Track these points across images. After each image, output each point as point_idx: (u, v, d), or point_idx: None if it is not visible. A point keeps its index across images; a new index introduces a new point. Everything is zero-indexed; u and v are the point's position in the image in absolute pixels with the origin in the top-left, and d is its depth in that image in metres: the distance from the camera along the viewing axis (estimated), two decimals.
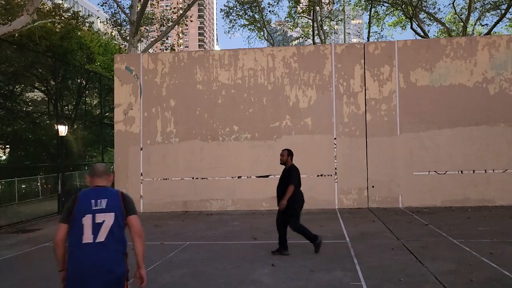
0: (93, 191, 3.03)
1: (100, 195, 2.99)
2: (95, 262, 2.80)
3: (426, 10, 25.43)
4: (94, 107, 21.40)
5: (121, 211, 2.99)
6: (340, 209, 11.49)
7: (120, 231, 2.98)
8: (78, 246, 2.82)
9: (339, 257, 6.34)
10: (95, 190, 3.04)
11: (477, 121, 11.43)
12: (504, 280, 5.00)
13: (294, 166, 6.82)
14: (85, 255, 2.80)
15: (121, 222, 2.98)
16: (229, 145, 12.21)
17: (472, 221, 9.07)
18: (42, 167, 19.83)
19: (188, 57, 12.67)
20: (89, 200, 2.94)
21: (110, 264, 2.86)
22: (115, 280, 2.88)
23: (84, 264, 2.79)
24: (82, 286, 2.77)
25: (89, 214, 2.88)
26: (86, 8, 62.66)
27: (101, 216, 2.90)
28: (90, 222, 2.87)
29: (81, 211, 2.89)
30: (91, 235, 2.85)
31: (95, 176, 3.11)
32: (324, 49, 12.30)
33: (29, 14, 11.17)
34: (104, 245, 2.86)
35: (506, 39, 11.71)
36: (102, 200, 2.95)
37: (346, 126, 11.87)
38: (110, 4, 22.53)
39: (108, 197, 2.98)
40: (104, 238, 2.87)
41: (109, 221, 2.91)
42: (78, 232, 2.85)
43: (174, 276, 5.65)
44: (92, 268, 2.78)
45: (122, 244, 2.99)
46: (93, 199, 2.94)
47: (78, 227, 2.86)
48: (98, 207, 2.92)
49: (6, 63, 16.87)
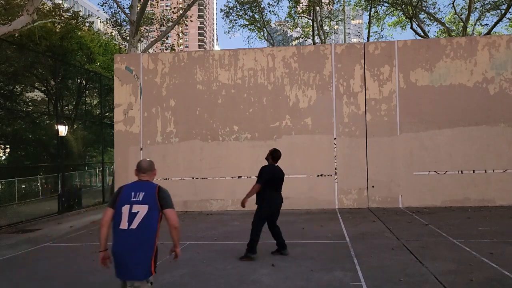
0: (135, 184, 3.54)
1: (139, 188, 3.47)
2: (127, 246, 3.26)
3: (426, 10, 25.42)
4: (94, 107, 21.39)
5: (155, 204, 3.38)
6: (340, 209, 11.49)
7: (151, 221, 3.33)
8: (117, 231, 3.35)
9: (339, 257, 6.33)
10: (137, 183, 3.55)
11: (477, 121, 11.43)
12: (504, 280, 5.00)
13: (269, 165, 6.51)
14: (121, 239, 3.31)
15: (153, 213, 3.35)
16: (229, 145, 12.21)
17: (472, 221, 9.07)
18: (42, 167, 19.83)
19: (188, 57, 12.67)
20: (130, 192, 3.43)
21: (136, 249, 3.26)
22: (143, 261, 3.27)
23: (120, 246, 3.29)
24: (120, 263, 3.28)
25: (127, 204, 3.36)
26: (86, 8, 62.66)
27: (137, 207, 3.34)
28: (127, 211, 3.34)
29: (123, 201, 3.40)
30: (127, 222, 3.31)
31: (140, 172, 3.62)
32: (324, 49, 12.31)
33: (29, 14, 11.17)
34: (135, 232, 3.28)
35: (506, 39, 11.71)
36: (140, 193, 3.41)
37: (346, 126, 11.87)
38: (110, 4, 22.52)
39: (146, 190, 3.44)
40: (135, 226, 3.29)
41: (142, 212, 3.32)
42: (118, 219, 3.36)
43: (174, 276, 5.65)
44: (125, 250, 3.26)
45: (151, 232, 3.33)
46: (133, 192, 3.43)
47: (118, 215, 3.37)
48: (136, 199, 3.38)
49: (6, 63, 16.86)
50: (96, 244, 8.22)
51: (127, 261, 3.25)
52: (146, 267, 3.28)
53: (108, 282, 5.48)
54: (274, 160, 6.59)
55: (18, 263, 6.69)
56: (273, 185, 6.37)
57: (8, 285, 5.56)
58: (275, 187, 6.41)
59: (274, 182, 6.39)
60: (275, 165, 6.56)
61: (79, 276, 5.83)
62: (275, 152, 6.61)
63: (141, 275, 3.26)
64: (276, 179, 6.42)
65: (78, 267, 6.28)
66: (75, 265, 6.44)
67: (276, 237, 6.53)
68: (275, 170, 6.45)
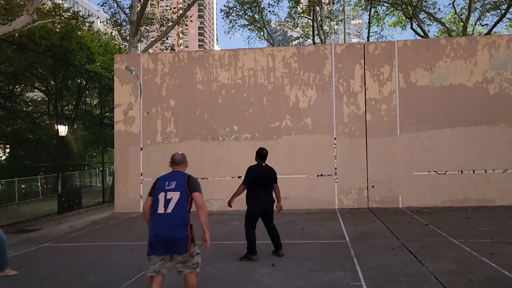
0: (169, 175, 4.13)
1: (172, 178, 4.07)
2: (165, 227, 3.86)
3: (426, 10, 25.41)
4: (94, 107, 21.37)
5: (185, 190, 3.98)
6: (340, 209, 11.49)
7: (183, 206, 3.95)
8: (155, 215, 3.93)
9: (339, 257, 6.33)
10: (171, 174, 4.14)
11: (477, 121, 11.43)
12: (504, 280, 5.00)
13: (252, 166, 6.40)
14: (159, 222, 3.90)
15: (185, 198, 3.96)
16: (229, 145, 12.21)
17: (472, 221, 9.07)
18: (42, 167, 19.82)
19: (188, 57, 12.67)
20: (164, 182, 4.04)
21: (174, 229, 3.86)
22: (179, 241, 3.86)
23: (158, 228, 3.88)
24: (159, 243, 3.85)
25: (162, 192, 3.97)
26: (86, 8, 62.65)
27: (170, 194, 3.95)
28: (163, 198, 3.94)
29: (159, 189, 4.00)
30: (163, 207, 3.91)
31: (174, 164, 4.21)
32: (324, 49, 12.31)
33: (29, 14, 11.17)
34: (171, 216, 3.88)
35: (506, 39, 11.70)
36: (173, 182, 4.01)
37: (346, 126, 11.87)
38: (110, 4, 22.50)
39: (177, 179, 4.03)
40: (171, 210, 3.89)
41: (175, 198, 3.93)
42: (155, 205, 3.96)
43: (174, 276, 5.64)
44: (163, 231, 3.85)
45: (184, 215, 3.94)
46: (167, 181, 4.03)
47: (156, 201, 3.97)
48: (169, 187, 3.98)
49: (6, 63, 16.85)
50: (96, 244, 8.23)
51: (168, 239, 3.82)
52: (186, 243, 3.88)
53: (108, 282, 5.48)
54: (260, 159, 6.46)
55: (18, 263, 6.68)
56: (257, 185, 6.24)
57: (8, 285, 5.56)
58: (260, 187, 6.26)
59: (259, 181, 6.25)
60: (262, 164, 6.42)
61: (79, 276, 5.83)
62: (260, 151, 6.50)
63: (182, 250, 3.88)
64: (262, 178, 6.28)
65: (78, 267, 6.29)
66: (75, 265, 6.44)
67: (271, 237, 6.48)
68: (259, 170, 6.33)
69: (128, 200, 12.40)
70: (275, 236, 6.46)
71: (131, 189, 12.40)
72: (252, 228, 6.29)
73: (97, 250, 7.54)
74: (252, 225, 6.30)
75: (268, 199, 6.37)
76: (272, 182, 6.45)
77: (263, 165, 6.45)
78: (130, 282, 5.45)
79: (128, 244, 7.84)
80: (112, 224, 10.42)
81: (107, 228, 9.84)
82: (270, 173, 6.43)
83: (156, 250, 3.87)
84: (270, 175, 6.42)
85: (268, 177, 6.38)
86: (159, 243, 3.84)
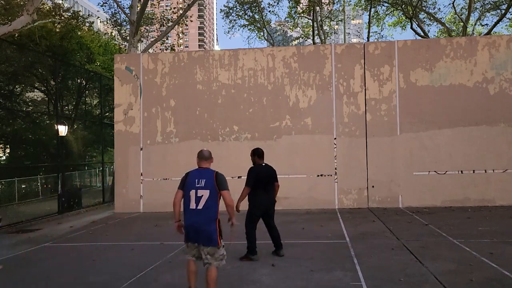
0: (197, 171, 4.50)
1: (201, 175, 4.43)
2: (196, 221, 4.33)
3: (426, 10, 25.41)
4: (94, 107, 21.38)
5: (214, 187, 4.37)
6: (340, 209, 11.49)
7: (213, 202, 4.36)
8: (188, 210, 4.40)
9: (339, 257, 6.33)
10: (200, 171, 4.50)
11: (477, 121, 11.43)
12: (504, 280, 5.00)
13: (252, 167, 6.41)
14: (191, 216, 4.37)
15: (214, 196, 4.37)
16: (229, 145, 12.21)
17: (472, 221, 9.07)
18: (42, 167, 19.82)
19: (188, 57, 12.67)
20: (194, 179, 4.42)
21: (204, 224, 4.32)
22: (208, 233, 4.32)
23: (191, 221, 4.36)
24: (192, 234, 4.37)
25: (193, 190, 4.38)
26: (86, 8, 62.64)
27: (201, 192, 4.35)
28: (194, 195, 4.37)
29: (189, 186, 4.40)
30: (194, 203, 4.35)
31: (202, 160, 4.57)
32: (324, 49, 12.31)
33: (29, 14, 11.16)
34: (201, 211, 4.33)
35: (506, 39, 11.70)
36: (202, 180, 4.39)
37: (346, 126, 11.87)
38: (110, 4, 22.51)
39: (206, 178, 4.40)
40: (201, 207, 4.33)
41: (205, 196, 4.34)
42: (187, 201, 4.41)
43: (174, 276, 5.65)
44: (196, 224, 4.33)
45: (213, 211, 4.37)
46: (196, 179, 4.41)
47: (187, 197, 4.41)
48: (199, 185, 4.37)
49: (6, 63, 16.86)
50: (96, 244, 8.23)
51: (199, 231, 4.32)
52: (214, 236, 4.32)
53: (108, 282, 5.48)
54: (260, 159, 6.45)
55: (18, 263, 6.69)
56: (259, 185, 6.25)
57: (8, 285, 5.56)
58: (261, 187, 6.28)
59: (260, 182, 6.27)
60: (262, 165, 6.43)
61: (79, 276, 5.83)
62: (257, 151, 6.49)
63: (210, 243, 4.32)
64: (262, 178, 6.30)
65: (78, 267, 6.29)
66: (75, 265, 6.44)
67: (272, 237, 6.50)
68: (260, 170, 6.35)
69: (128, 200, 12.40)
70: (275, 236, 6.48)
71: (131, 189, 12.40)
72: (252, 228, 6.30)
73: (97, 250, 7.54)
74: (252, 225, 6.32)
75: (269, 198, 6.38)
76: (273, 181, 6.47)
77: (263, 165, 6.45)
78: (130, 282, 5.45)
79: (128, 244, 7.84)
80: (112, 224, 10.42)
81: (107, 228, 9.84)
82: (270, 173, 6.44)
83: (190, 238, 4.41)
84: (271, 174, 6.44)
85: (269, 177, 6.40)
86: (192, 233, 4.36)
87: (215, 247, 4.35)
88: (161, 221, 10.43)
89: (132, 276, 5.66)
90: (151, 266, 6.15)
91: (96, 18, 32.31)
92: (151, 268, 6.03)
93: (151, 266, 6.13)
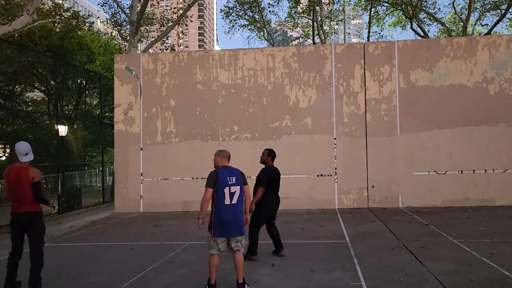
0: (226, 170, 4.98)
1: (231, 173, 4.95)
2: (232, 214, 4.85)
3: (426, 10, 25.41)
4: (94, 107, 21.36)
5: (241, 184, 4.97)
6: (340, 209, 11.49)
7: (242, 197, 4.99)
8: (223, 206, 4.83)
9: (339, 257, 6.33)
10: (227, 169, 5.00)
11: (477, 121, 11.43)
12: (504, 280, 5.00)
13: (267, 168, 6.49)
14: (227, 211, 4.84)
15: (242, 191, 4.98)
16: (229, 145, 12.20)
17: (472, 221, 9.07)
18: (42, 167, 19.78)
19: (188, 57, 12.67)
20: (225, 177, 4.88)
21: (238, 216, 4.93)
22: (241, 224, 4.95)
23: (228, 215, 4.84)
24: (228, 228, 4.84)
25: (227, 187, 4.85)
26: (86, 8, 62.65)
27: (233, 188, 4.89)
28: (228, 191, 4.85)
29: (223, 184, 4.83)
30: (229, 199, 4.85)
31: (226, 159, 5.14)
32: (324, 49, 12.31)
33: (29, 14, 11.16)
34: (236, 206, 4.90)
35: (506, 39, 11.70)
36: (233, 177, 4.93)
37: (346, 126, 11.87)
38: (110, 4, 22.50)
39: (235, 175, 4.97)
40: (236, 202, 4.89)
41: (237, 192, 4.93)
42: (222, 197, 4.82)
43: (174, 276, 5.65)
44: (233, 217, 4.86)
45: (243, 205, 5.03)
46: (228, 177, 4.90)
47: (222, 195, 4.83)
48: (231, 182, 4.89)
49: (6, 63, 16.85)
50: (96, 244, 8.23)
51: (234, 224, 4.85)
52: (244, 227, 5.00)
53: (108, 282, 5.48)
54: (272, 161, 6.60)
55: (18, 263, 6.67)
56: (270, 187, 6.35)
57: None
58: (272, 189, 6.38)
59: (272, 183, 6.38)
60: (273, 167, 6.57)
61: (79, 276, 5.83)
62: (271, 152, 6.62)
63: (242, 232, 4.96)
64: (274, 180, 6.43)
65: (78, 267, 6.28)
66: (75, 265, 6.44)
67: (272, 237, 6.52)
68: (273, 172, 6.48)
69: (128, 200, 12.40)
70: (276, 236, 6.49)
71: (131, 189, 12.40)
72: (257, 228, 6.32)
73: (97, 250, 7.54)
74: (259, 226, 6.34)
75: (278, 200, 6.51)
76: (279, 184, 6.57)
77: (274, 167, 6.57)
78: (130, 282, 5.45)
79: (128, 244, 7.84)
80: (112, 224, 10.42)
81: (107, 228, 9.84)
82: (279, 175, 6.56)
83: (223, 233, 4.83)
84: (279, 176, 6.56)
85: (278, 179, 6.52)
86: (227, 228, 4.82)
87: (243, 235, 5.00)
88: (161, 221, 10.43)
89: (132, 276, 5.66)
90: (151, 266, 6.15)
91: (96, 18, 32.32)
92: (151, 268, 6.03)
93: (151, 266, 6.13)
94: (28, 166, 5.23)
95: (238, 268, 4.94)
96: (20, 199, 5.07)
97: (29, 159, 5.24)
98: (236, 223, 4.87)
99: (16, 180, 5.08)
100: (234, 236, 4.89)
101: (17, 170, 5.14)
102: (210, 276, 4.92)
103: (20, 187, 5.06)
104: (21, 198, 5.06)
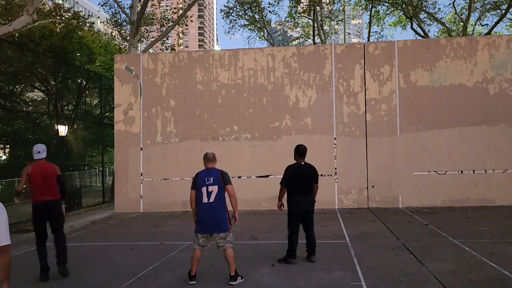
0: (206, 171, 5.29)
1: (209, 174, 5.24)
2: (209, 213, 5.12)
3: (426, 10, 25.42)
4: (94, 107, 21.36)
5: (220, 183, 5.20)
6: (340, 209, 11.49)
7: (221, 196, 5.19)
8: (201, 205, 5.17)
9: (339, 257, 6.33)
10: (207, 171, 5.30)
11: (477, 121, 11.43)
12: (504, 280, 5.00)
13: (290, 166, 6.11)
14: (204, 209, 5.15)
15: (221, 190, 5.20)
16: (229, 145, 12.21)
17: (472, 221, 9.07)
18: None
19: (188, 57, 12.67)
20: (203, 177, 5.22)
21: (216, 214, 5.13)
22: (220, 222, 5.15)
23: (204, 214, 5.14)
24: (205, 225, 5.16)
25: (204, 186, 5.16)
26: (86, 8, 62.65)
27: (211, 188, 5.15)
28: (205, 191, 5.15)
29: (200, 184, 5.19)
30: (206, 198, 5.14)
31: (208, 161, 5.36)
32: (324, 49, 12.30)
33: (29, 14, 11.16)
34: (213, 204, 5.13)
35: (506, 39, 11.70)
36: (210, 177, 5.20)
37: (346, 126, 11.87)
38: (110, 4, 22.53)
39: (213, 175, 5.22)
40: (213, 200, 5.13)
41: (215, 191, 5.15)
42: (200, 196, 5.17)
43: (174, 276, 5.65)
44: (208, 216, 5.13)
45: (223, 203, 5.19)
46: (206, 177, 5.22)
47: (200, 194, 5.17)
48: (208, 182, 5.17)
49: (6, 63, 16.85)
50: (96, 244, 8.23)
51: (212, 221, 5.11)
52: (226, 223, 5.17)
53: (108, 282, 5.49)
54: (299, 157, 6.10)
55: (18, 263, 6.68)
56: (294, 186, 5.95)
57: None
58: (297, 187, 5.95)
59: (295, 181, 5.95)
60: (300, 163, 6.07)
61: (79, 276, 5.83)
62: (297, 149, 6.15)
63: (225, 228, 5.15)
64: (298, 177, 5.95)
65: (78, 267, 6.28)
66: (75, 265, 6.43)
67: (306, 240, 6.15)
68: (297, 168, 6.01)
69: (128, 200, 12.40)
70: (310, 241, 6.13)
71: (131, 189, 12.40)
72: (293, 230, 6.01)
73: (97, 250, 7.54)
74: (292, 227, 6.02)
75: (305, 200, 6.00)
76: (312, 182, 6.08)
77: (302, 164, 6.07)
78: (130, 282, 5.45)
79: (128, 244, 7.84)
80: (112, 224, 10.42)
81: (107, 228, 9.84)
82: (309, 173, 6.06)
83: (201, 230, 5.16)
84: (311, 174, 6.06)
85: (306, 177, 6.02)
86: (204, 225, 5.13)
87: (226, 232, 5.16)
88: (161, 221, 10.43)
89: (132, 276, 5.66)
90: (151, 266, 6.15)
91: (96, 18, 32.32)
92: (151, 268, 6.03)
93: (151, 266, 6.13)
94: (49, 162, 6.08)
95: (228, 262, 5.18)
96: (47, 189, 5.83)
97: (41, 156, 5.97)
98: (214, 221, 5.11)
99: (45, 172, 5.86)
100: (211, 232, 5.16)
101: (41, 165, 5.91)
102: (191, 268, 5.24)
103: (47, 178, 5.86)
104: (48, 188, 5.84)
